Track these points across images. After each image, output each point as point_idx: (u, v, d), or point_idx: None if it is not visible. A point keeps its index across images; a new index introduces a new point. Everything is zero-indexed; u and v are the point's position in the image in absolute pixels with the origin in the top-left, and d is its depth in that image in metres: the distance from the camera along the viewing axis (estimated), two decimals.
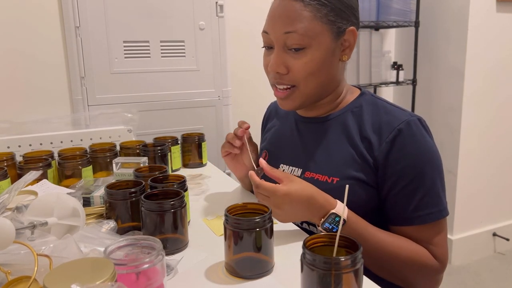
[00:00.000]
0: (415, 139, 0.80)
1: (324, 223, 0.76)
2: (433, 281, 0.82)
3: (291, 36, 0.81)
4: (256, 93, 2.09)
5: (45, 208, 0.74)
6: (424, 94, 2.41)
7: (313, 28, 0.81)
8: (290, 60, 0.83)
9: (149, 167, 1.01)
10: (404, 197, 0.80)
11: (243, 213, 0.72)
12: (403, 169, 0.80)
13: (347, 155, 0.85)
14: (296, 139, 0.97)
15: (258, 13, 2.03)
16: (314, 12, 0.80)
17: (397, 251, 0.78)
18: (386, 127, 0.82)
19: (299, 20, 0.80)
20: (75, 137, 1.35)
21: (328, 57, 0.84)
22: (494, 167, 2.38)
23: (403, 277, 0.80)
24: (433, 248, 0.80)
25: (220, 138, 1.82)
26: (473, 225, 2.41)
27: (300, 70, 0.83)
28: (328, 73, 0.86)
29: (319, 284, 0.53)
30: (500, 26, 2.19)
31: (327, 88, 0.89)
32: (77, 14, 1.53)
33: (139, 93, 1.66)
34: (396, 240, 0.79)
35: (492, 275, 2.25)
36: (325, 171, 0.87)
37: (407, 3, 2.21)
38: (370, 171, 0.83)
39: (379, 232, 0.80)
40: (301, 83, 0.85)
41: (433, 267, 0.79)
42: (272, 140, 1.05)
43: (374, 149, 0.82)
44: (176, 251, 0.77)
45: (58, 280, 0.47)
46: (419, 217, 0.79)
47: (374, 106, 0.88)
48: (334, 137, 0.89)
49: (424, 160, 0.80)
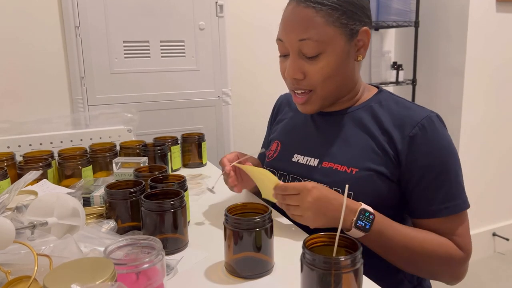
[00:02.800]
0: (439, 134, 0.83)
1: (356, 221, 0.76)
2: (459, 271, 0.84)
3: (305, 43, 0.83)
4: (256, 93, 2.09)
5: (45, 208, 0.74)
6: (424, 94, 2.41)
7: (326, 33, 0.82)
8: (306, 66, 0.85)
9: (149, 167, 1.01)
10: (431, 190, 0.82)
11: (243, 213, 0.72)
12: (429, 164, 0.82)
13: (367, 147, 0.86)
14: (311, 129, 0.97)
15: (258, 13, 2.04)
16: (326, 17, 0.81)
17: (423, 244, 0.80)
18: (407, 122, 0.84)
19: (312, 27, 0.82)
20: (75, 137, 1.35)
21: (343, 60, 0.85)
22: (494, 167, 2.38)
23: (431, 270, 0.82)
24: (457, 238, 0.82)
25: (220, 138, 1.82)
26: (473, 225, 2.39)
27: (317, 75, 0.84)
28: (344, 74, 0.87)
29: (319, 284, 0.53)
30: (500, 26, 2.19)
31: (345, 88, 0.91)
32: (77, 14, 1.53)
33: (139, 93, 1.66)
34: (420, 234, 0.81)
35: (492, 275, 2.25)
36: (344, 162, 0.87)
37: (407, 3, 2.21)
38: (391, 165, 0.84)
39: (403, 228, 0.81)
40: (318, 87, 0.86)
41: (458, 258, 0.81)
42: (285, 131, 1.05)
43: (397, 143, 0.84)
44: (176, 251, 0.77)
45: (58, 280, 0.47)
46: (446, 208, 0.81)
47: (393, 102, 0.90)
48: (352, 130, 0.90)
49: (448, 153, 0.83)
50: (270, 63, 2.07)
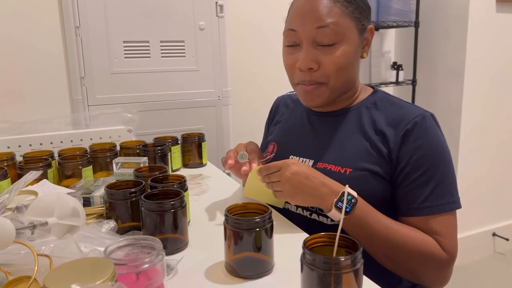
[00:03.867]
0: (429, 132, 0.83)
1: (337, 202, 0.77)
2: (442, 274, 0.82)
3: (322, 31, 0.83)
4: (256, 93, 2.09)
5: (45, 208, 0.74)
6: (424, 94, 2.41)
7: (343, 23, 0.83)
8: (321, 55, 0.85)
9: (149, 167, 1.01)
10: (415, 188, 0.82)
11: (243, 213, 0.72)
12: (416, 161, 0.82)
13: (361, 148, 0.87)
14: (307, 130, 0.98)
15: (258, 13, 2.04)
16: (343, 8, 0.83)
17: (404, 239, 0.79)
18: (401, 121, 0.85)
19: (331, 16, 0.83)
20: (75, 137, 1.35)
21: (356, 53, 0.87)
22: (494, 167, 2.38)
23: (410, 268, 0.81)
24: (441, 239, 0.80)
25: (220, 138, 1.82)
26: (472, 225, 2.41)
27: (331, 65, 0.85)
28: (353, 68, 0.89)
29: (319, 284, 0.53)
30: (500, 26, 2.19)
31: (350, 84, 0.91)
32: (77, 14, 1.53)
33: (139, 93, 1.66)
34: (403, 229, 0.80)
35: (492, 275, 2.25)
36: (338, 162, 0.88)
37: (407, 3, 2.21)
38: (385, 163, 0.84)
39: (387, 220, 0.81)
40: (332, 78, 0.86)
41: (440, 258, 0.79)
42: (281, 133, 1.05)
43: (390, 141, 0.84)
44: (176, 251, 0.77)
45: (58, 280, 0.47)
46: (427, 207, 0.80)
47: (388, 102, 0.91)
48: (347, 130, 0.91)
49: (437, 153, 0.82)
50: (270, 63, 2.08)
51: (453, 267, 0.83)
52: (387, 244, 0.79)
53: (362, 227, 0.79)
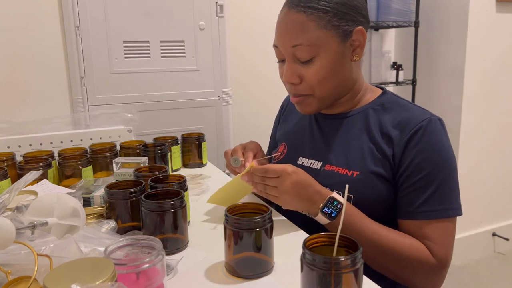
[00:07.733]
0: (434, 137, 0.82)
1: (323, 208, 0.79)
2: (431, 280, 0.81)
3: (298, 48, 0.83)
4: (256, 93, 2.09)
5: (45, 208, 0.74)
6: (424, 94, 2.41)
7: (318, 36, 0.82)
8: (302, 70, 0.86)
9: (149, 167, 1.01)
10: (414, 191, 0.81)
11: (243, 213, 0.72)
12: (417, 164, 0.81)
13: (367, 150, 0.87)
14: (316, 133, 0.98)
15: (259, 13, 2.04)
16: (317, 21, 0.82)
17: (391, 244, 0.79)
18: (408, 124, 0.84)
19: (303, 32, 0.82)
20: (75, 137, 1.35)
21: (338, 61, 0.85)
22: (494, 167, 2.38)
23: (397, 272, 0.80)
24: (432, 245, 0.79)
25: (220, 138, 1.82)
26: (472, 225, 2.41)
27: (312, 78, 0.85)
28: (340, 75, 0.87)
29: (319, 284, 0.53)
30: (500, 26, 2.19)
31: (343, 89, 0.91)
32: (77, 14, 1.53)
33: (139, 93, 1.66)
34: (391, 234, 0.80)
35: (492, 275, 2.25)
36: (345, 165, 0.88)
37: (407, 3, 2.21)
38: (389, 166, 0.84)
39: (375, 224, 0.81)
40: (316, 89, 0.87)
41: (428, 264, 0.79)
42: (291, 134, 1.06)
43: (395, 144, 0.84)
44: (176, 251, 0.77)
45: (58, 280, 0.47)
46: (423, 212, 0.80)
47: (396, 105, 0.90)
48: (354, 133, 0.91)
49: (440, 158, 0.81)
50: (270, 63, 2.07)
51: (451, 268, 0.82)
52: (374, 249, 0.79)
53: (348, 231, 0.79)
